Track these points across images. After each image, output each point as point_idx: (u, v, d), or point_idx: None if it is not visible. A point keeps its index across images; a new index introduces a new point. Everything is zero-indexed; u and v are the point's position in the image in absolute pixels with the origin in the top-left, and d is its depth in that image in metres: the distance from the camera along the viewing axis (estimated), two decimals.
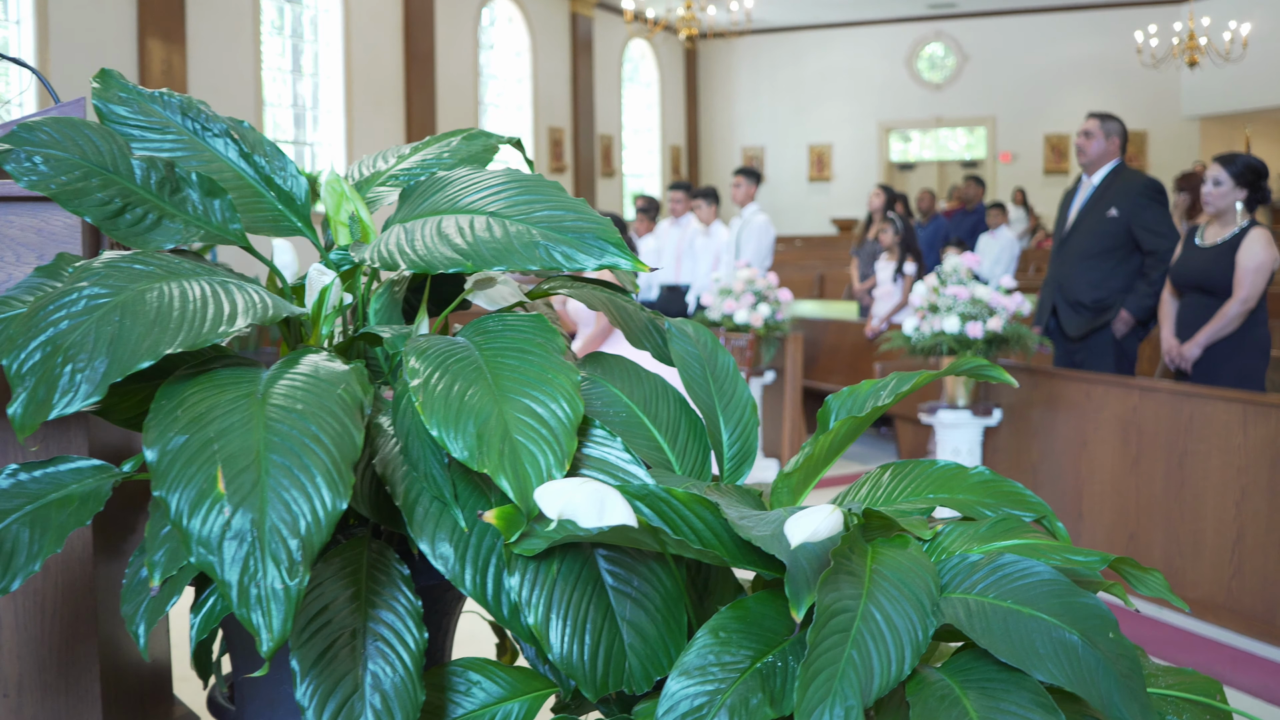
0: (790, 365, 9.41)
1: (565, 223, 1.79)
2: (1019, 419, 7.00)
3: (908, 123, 26.85)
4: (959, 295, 6.77)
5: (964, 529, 1.68)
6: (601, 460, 1.70)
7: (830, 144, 27.42)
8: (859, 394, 1.95)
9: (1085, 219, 7.17)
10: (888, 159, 27.10)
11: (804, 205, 27.47)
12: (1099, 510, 6.50)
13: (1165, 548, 6.13)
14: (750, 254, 10.66)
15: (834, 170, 27.32)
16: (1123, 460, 6.34)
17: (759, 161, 28.30)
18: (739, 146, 28.53)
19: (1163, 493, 6.14)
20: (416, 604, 1.68)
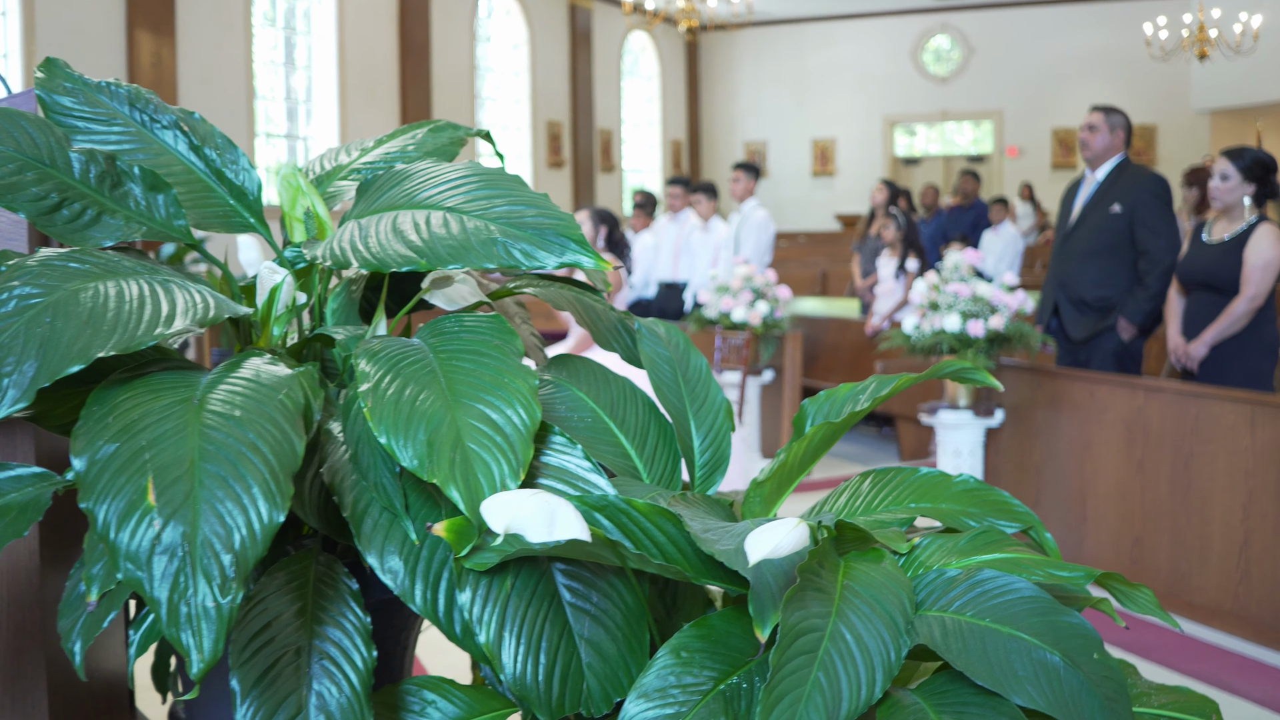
0: (789, 364, 9.35)
1: (525, 219, 1.73)
2: (1022, 420, 6.94)
3: (913, 116, 26.79)
4: (960, 293, 6.71)
5: (943, 542, 1.61)
6: (560, 469, 1.64)
7: (834, 138, 27.36)
8: (837, 398, 1.89)
9: (1088, 215, 7.11)
10: (893, 153, 27.04)
11: (807, 200, 27.41)
12: (1103, 514, 6.44)
13: (1171, 552, 6.06)
14: (749, 250, 10.60)
15: (838, 165, 27.26)
16: (1127, 462, 6.28)
17: (761, 156, 28.24)
18: (741, 141, 28.47)
19: (1168, 496, 6.07)
20: (365, 620, 1.62)
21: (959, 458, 6.92)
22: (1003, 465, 7.07)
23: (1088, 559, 6.53)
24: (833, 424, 1.75)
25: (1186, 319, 6.54)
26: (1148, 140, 23.93)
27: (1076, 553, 6.59)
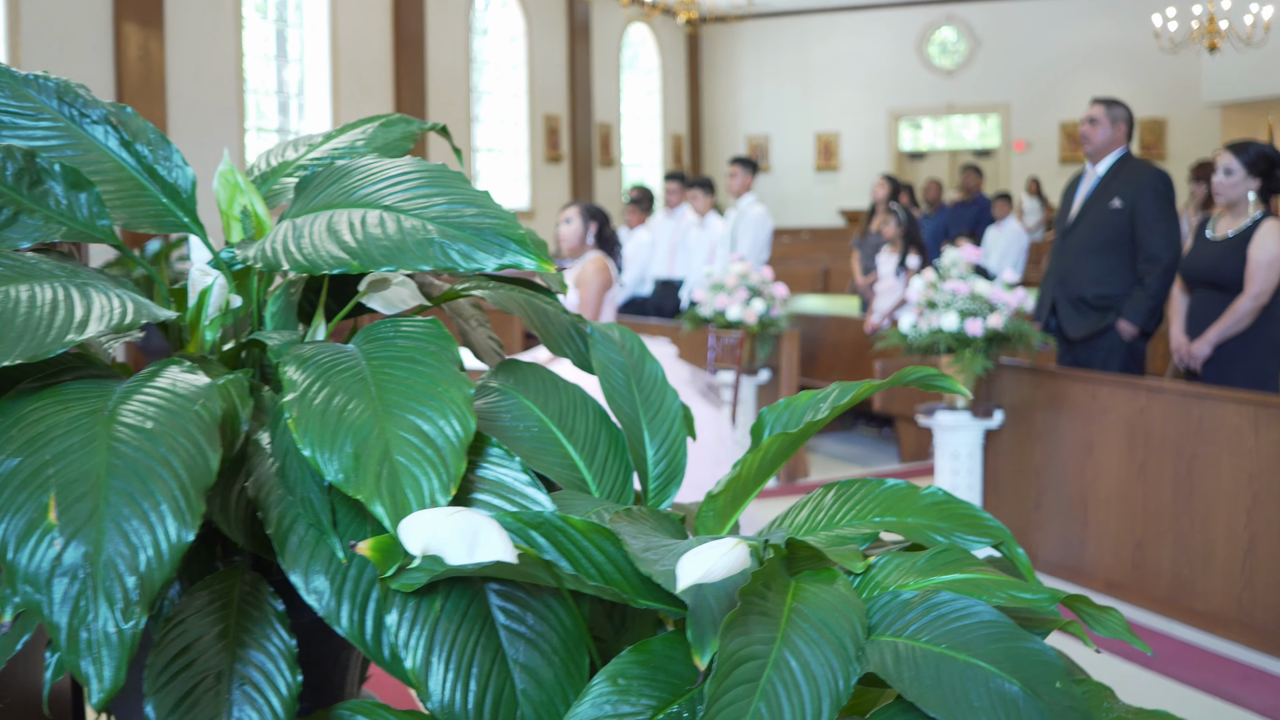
0: (786, 363, 9.28)
1: (465, 218, 1.67)
2: (1022, 421, 6.87)
3: (918, 110, 26.71)
4: (958, 290, 6.64)
5: (901, 561, 1.55)
6: (497, 483, 1.58)
7: (838, 132, 27.28)
8: (796, 407, 1.83)
9: (1088, 211, 7.05)
10: (898, 148, 26.96)
11: (810, 196, 27.34)
12: (1105, 518, 6.37)
13: (1174, 557, 6.00)
14: (746, 247, 10.54)
15: (842, 159, 27.18)
16: (1129, 465, 6.21)
17: (763, 150, 28.17)
18: (743, 135, 28.39)
19: (1171, 499, 6.01)
20: (290, 643, 1.56)
21: (957, 460, 6.85)
22: (1002, 468, 7.01)
23: (1089, 564, 6.46)
24: (789, 435, 1.68)
25: (1190, 317, 6.48)
26: (1157, 134, 23.84)
27: (1078, 558, 6.53)
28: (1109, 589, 6.34)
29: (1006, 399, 6.97)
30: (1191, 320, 6.46)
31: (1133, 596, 6.20)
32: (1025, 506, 6.87)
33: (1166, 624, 5.97)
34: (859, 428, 11.44)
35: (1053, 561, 6.70)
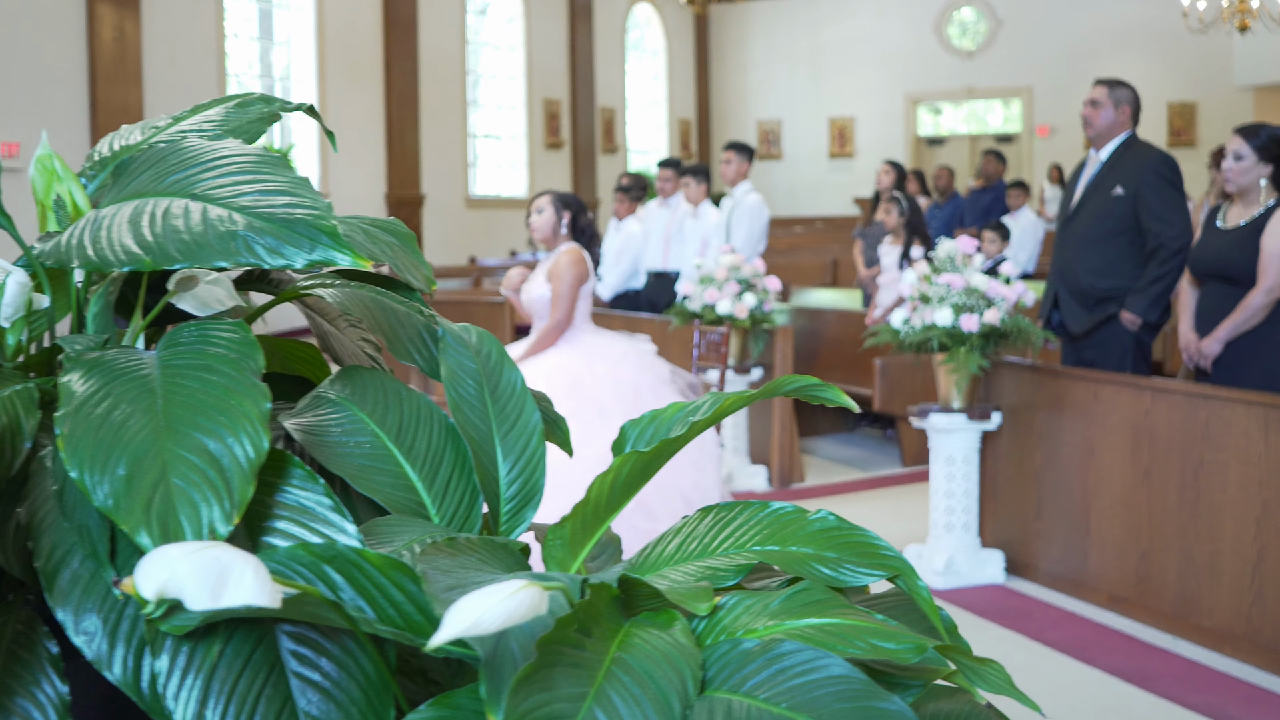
0: (779, 361, 9.15)
1: (275, 208, 1.53)
2: (1021, 423, 6.73)
3: (937, 94, 26.54)
4: (953, 284, 6.50)
5: (753, 601, 1.40)
6: (298, 508, 1.44)
7: (853, 117, 27.13)
8: (663, 420, 1.69)
9: (1090, 198, 6.91)
10: (916, 133, 26.80)
11: (824, 184, 27.18)
12: (1108, 526, 6.23)
13: (1180, 570, 5.85)
14: (741, 238, 10.40)
15: (857, 146, 27.03)
16: (1133, 470, 6.07)
17: (775, 136, 28.02)
18: (754, 120, 28.24)
19: (1176, 507, 5.86)
20: (63, 691, 1.42)
21: (952, 464, 6.71)
22: (1001, 472, 6.87)
23: (1091, 577, 6.32)
24: (643, 454, 1.54)
25: (1199, 313, 6.32)
26: (1187, 119, 23.65)
27: (1080, 570, 6.39)
28: (1112, 603, 6.20)
29: (1005, 399, 6.83)
30: (1201, 316, 6.30)
31: (1137, 611, 6.06)
32: (1025, 514, 6.73)
33: (1172, 641, 5.82)
34: (861, 429, 11.30)
35: (1054, 573, 6.56)
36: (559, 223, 7.17)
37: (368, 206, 20.32)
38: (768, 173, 27.83)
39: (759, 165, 28.00)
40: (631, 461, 1.54)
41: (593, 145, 25.28)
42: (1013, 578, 6.78)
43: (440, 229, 21.40)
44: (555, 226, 7.17)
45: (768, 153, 28.00)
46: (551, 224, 7.17)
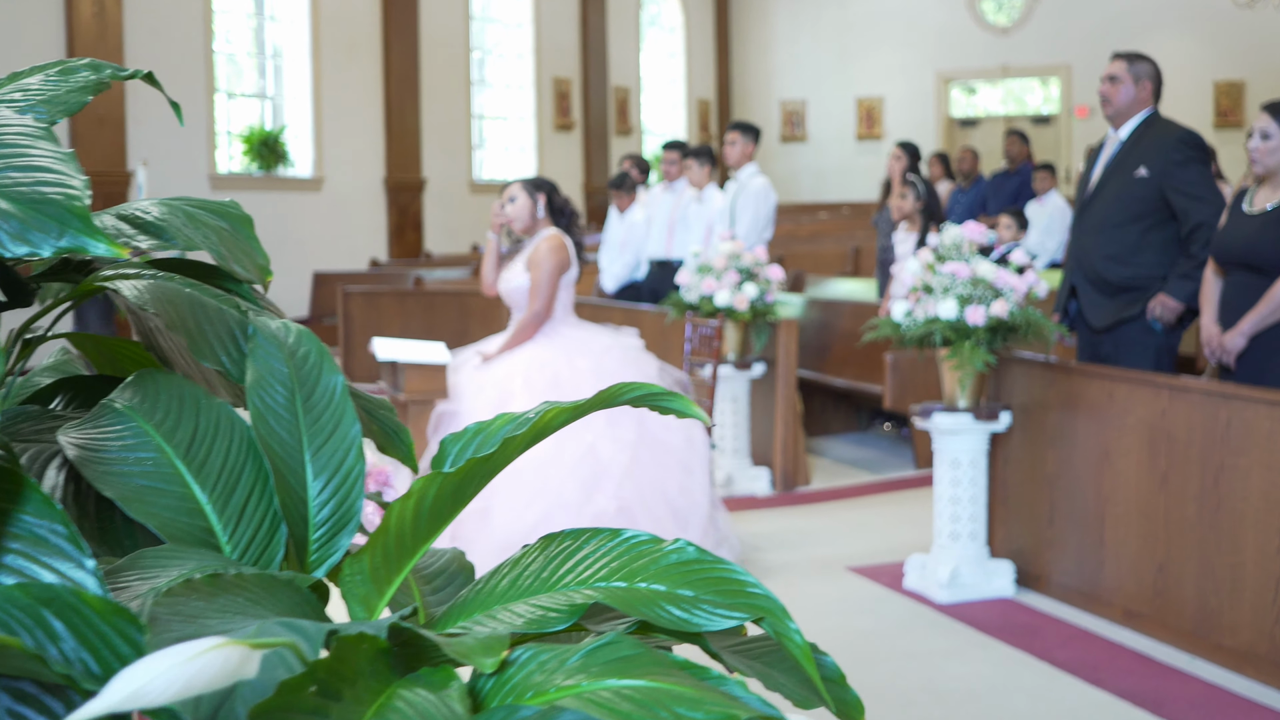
0: (783, 355, 8.98)
1: (22, 187, 1.36)
2: (1033, 423, 6.55)
3: (971, 72, 26.31)
4: (958, 274, 6.32)
5: (550, 656, 1.23)
6: (32, 538, 1.28)
7: (881, 97, 26.92)
8: (490, 433, 1.52)
9: (1109, 181, 6.73)
10: (948, 114, 26.58)
11: (851, 167, 26.97)
12: (1123, 536, 6.04)
13: (1199, 584, 5.67)
14: (746, 224, 10.23)
15: (886, 127, 26.80)
16: (1150, 475, 5.88)
17: (800, 117, 27.83)
18: (776, 100, 28.05)
19: (1195, 516, 5.68)
20: None
21: (958, 468, 6.53)
22: (1011, 477, 6.69)
23: (1106, 590, 6.14)
24: (450, 476, 1.37)
25: (1223, 303, 6.13)
26: (1234, 98, 23.37)
27: (1094, 582, 6.21)
28: (1127, 619, 6.01)
29: (1016, 398, 6.65)
30: (1225, 307, 6.11)
31: (1153, 628, 5.87)
32: (1038, 522, 6.55)
33: (1190, 662, 5.64)
34: (876, 428, 11.12)
35: (1068, 586, 6.37)
36: (535, 207, 7.02)
37: (364, 192, 20.21)
38: (792, 156, 27.66)
39: (782, 148, 27.84)
40: (437, 484, 1.37)
41: (605, 127, 25.11)
42: (1023, 590, 6.60)
43: (442, 215, 21.27)
44: (532, 211, 7.01)
45: (792, 135, 27.83)
46: (528, 209, 7.02)
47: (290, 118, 19.51)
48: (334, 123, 19.76)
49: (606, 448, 6.54)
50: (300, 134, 19.54)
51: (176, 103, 2.03)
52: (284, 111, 19.56)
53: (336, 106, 19.73)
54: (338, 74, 19.81)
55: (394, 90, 20.53)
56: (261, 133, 18.86)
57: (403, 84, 20.63)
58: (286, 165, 19.07)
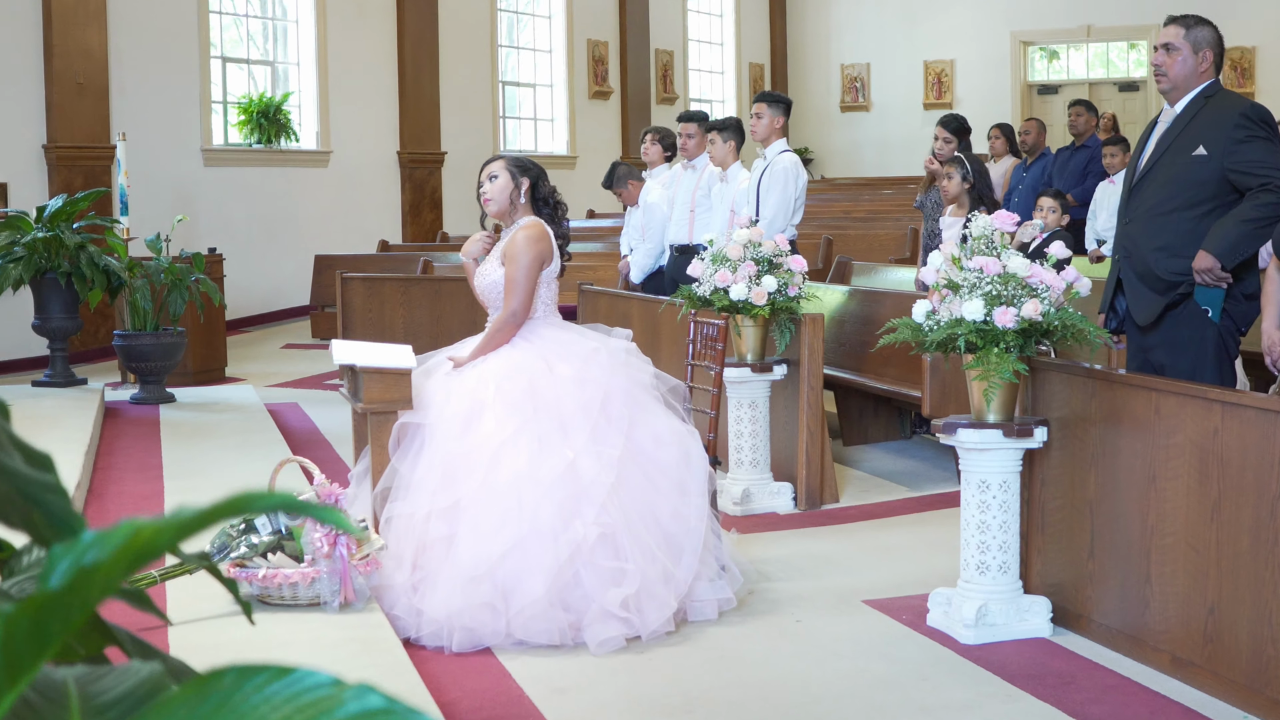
0: (807, 356, 8.70)
1: None
2: (1073, 440, 6.25)
3: (1050, 35, 26.03)
4: (985, 269, 6.02)
5: None
6: None
7: (952, 61, 26.71)
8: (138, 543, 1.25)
9: (1162, 162, 6.46)
10: (1025, 79, 26.30)
11: (918, 138, 26.54)
12: (1171, 572, 5.74)
13: (1253, 629, 5.37)
14: (772, 207, 10.02)
15: (957, 94, 26.58)
16: (1200, 503, 5.58)
17: (862, 84, 27.60)
18: (836, 64, 27.85)
19: (1250, 551, 5.37)
20: None
21: (986, 491, 6.24)
22: (1049, 501, 6.39)
23: (1152, 634, 5.84)
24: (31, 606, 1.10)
25: None
26: None
27: (1139, 624, 5.91)
28: (1175, 668, 5.71)
29: (1054, 411, 6.34)
30: None
31: (1204, 680, 5.57)
32: (1077, 553, 6.25)
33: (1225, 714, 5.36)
34: (921, 436, 10.83)
35: (1110, 628, 6.08)
36: (516, 191, 6.78)
37: (376, 166, 20.05)
38: (853, 126, 27.43)
39: (842, 118, 27.61)
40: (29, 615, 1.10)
41: (646, 94, 24.91)
42: (1061, 631, 6.31)
43: (463, 193, 21.03)
44: (512, 196, 6.78)
45: (853, 103, 27.63)
46: (507, 192, 6.78)
47: (294, 85, 19.35)
48: (342, 90, 19.61)
49: (589, 465, 6.30)
50: (305, 103, 19.40)
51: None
52: (287, 78, 19.39)
53: (345, 72, 19.57)
54: (346, 36, 19.64)
55: (409, 54, 20.36)
56: (261, 102, 18.71)
57: (419, 47, 20.44)
58: (289, 138, 18.90)
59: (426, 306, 13.95)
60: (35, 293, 11.86)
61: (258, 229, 18.07)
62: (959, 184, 9.72)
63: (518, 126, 23.06)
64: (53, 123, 15.59)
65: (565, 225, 6.92)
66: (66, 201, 11.83)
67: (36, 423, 9.91)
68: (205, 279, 12.34)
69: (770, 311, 8.46)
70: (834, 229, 17.25)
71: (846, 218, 19.27)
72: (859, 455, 10.27)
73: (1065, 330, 6.03)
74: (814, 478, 8.78)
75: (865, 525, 8.41)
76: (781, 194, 10.05)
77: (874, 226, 18.02)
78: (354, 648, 5.59)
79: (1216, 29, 6.56)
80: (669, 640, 6.20)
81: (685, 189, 11.34)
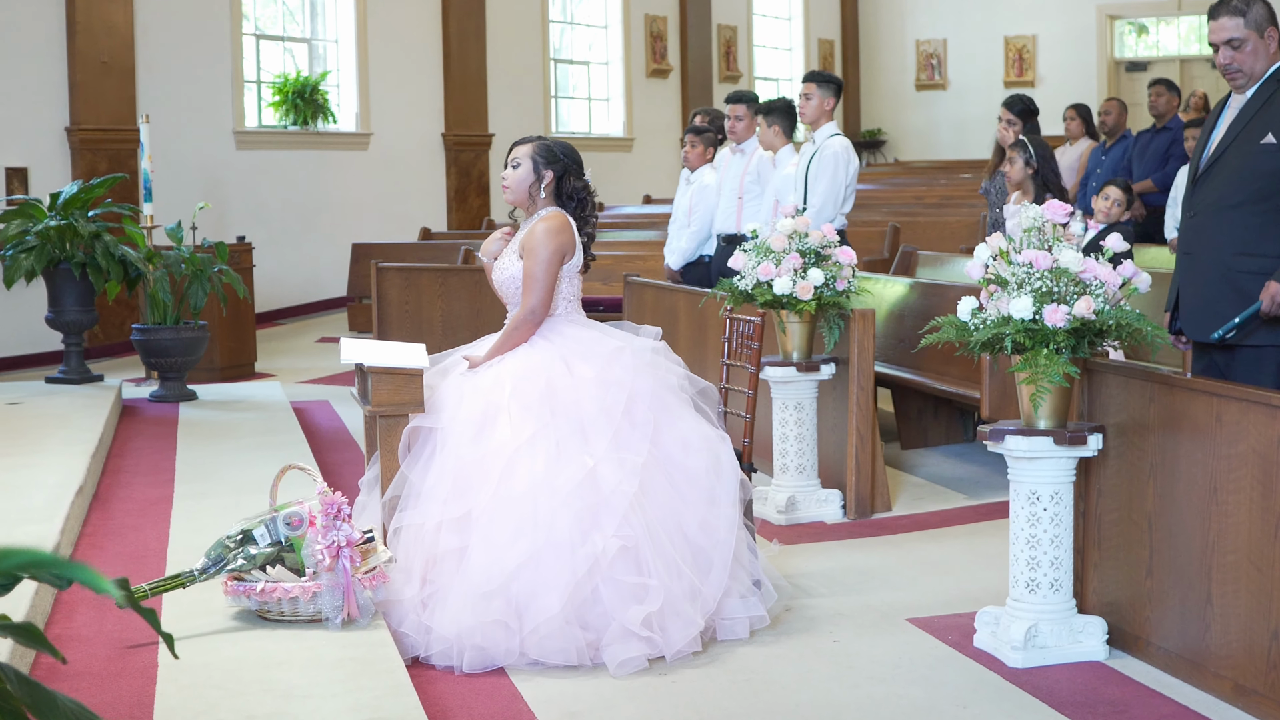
0: (856, 354, 8.58)
1: None
2: (1130, 448, 6.11)
3: (1139, 7, 25.84)
4: (1036, 263, 5.89)
5: None
6: None
7: (1034, 36, 26.53)
8: None
9: (1229, 151, 6.32)
10: (1112, 55, 26.05)
11: None
12: (1233, 592, 5.61)
13: None
14: (821, 194, 9.87)
15: (1039, 72, 26.42)
16: (1263, 518, 5.45)
17: (939, 60, 27.45)
18: (911, 40, 27.74)
19: None
20: None
21: (1036, 503, 6.11)
22: (1106, 513, 6.26)
23: (1213, 659, 5.71)
24: None
25: None
26: None
27: (1199, 648, 5.78)
28: (1237, 696, 5.57)
29: (1111, 416, 6.21)
30: None
31: (1268, 709, 5.42)
32: (1135, 570, 6.11)
33: None
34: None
35: (1169, 651, 5.93)
36: (536, 184, 6.68)
37: (419, 149, 20.02)
38: (928, 106, 27.27)
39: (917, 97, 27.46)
40: None
41: (708, 72, 24.81)
42: (1117, 654, 6.17)
43: None
44: (530, 189, 6.68)
45: (929, 81, 27.48)
46: (525, 184, 6.69)
47: (332, 63, 19.34)
48: (383, 69, 19.58)
49: (610, 473, 6.18)
50: (344, 82, 19.38)
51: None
52: (325, 56, 19.38)
53: (386, 49, 19.54)
54: (388, 11, 19.61)
55: (455, 30, 20.32)
56: (298, 81, 18.69)
57: (465, 22, 20.40)
58: (327, 119, 18.90)
59: (466, 298, 13.85)
60: (49, 284, 11.84)
61: (292, 216, 18.07)
62: (1021, 169, 9.57)
63: (570, 107, 22.98)
64: (76, 104, 15.61)
65: (592, 223, 6.81)
66: (82, 188, 11.79)
67: (44, 422, 9.92)
68: (228, 270, 12.26)
69: (817, 307, 8.33)
70: (903, 216, 17.10)
71: (918, 204, 19.11)
72: (917, 460, 10.15)
73: (1121, 330, 5.90)
74: (864, 484, 8.66)
75: (917, 536, 8.29)
76: (831, 180, 9.92)
77: (946, 213, 17.87)
78: (352, 667, 5.52)
79: (1266, 2, 6.43)
80: (694, 661, 6.10)
81: (733, 174, 11.23)
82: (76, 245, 11.44)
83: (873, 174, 24.47)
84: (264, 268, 15.75)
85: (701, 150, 11.85)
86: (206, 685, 5.32)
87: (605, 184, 21.52)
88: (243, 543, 6.13)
